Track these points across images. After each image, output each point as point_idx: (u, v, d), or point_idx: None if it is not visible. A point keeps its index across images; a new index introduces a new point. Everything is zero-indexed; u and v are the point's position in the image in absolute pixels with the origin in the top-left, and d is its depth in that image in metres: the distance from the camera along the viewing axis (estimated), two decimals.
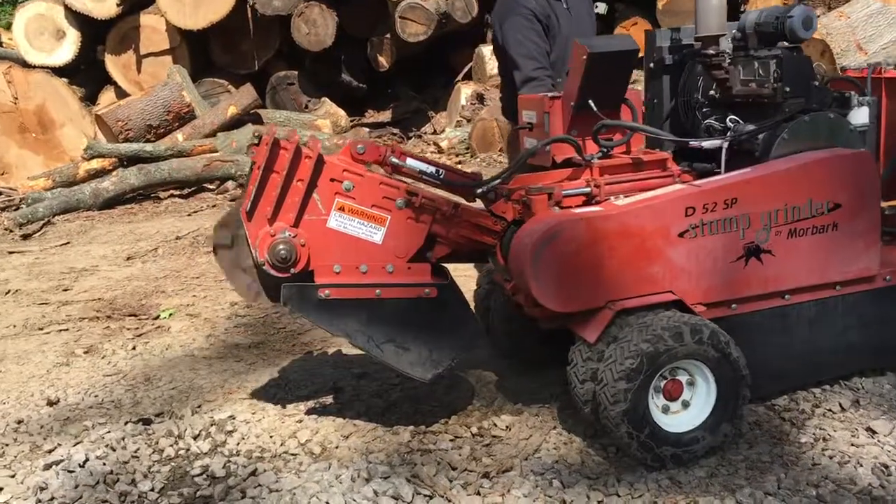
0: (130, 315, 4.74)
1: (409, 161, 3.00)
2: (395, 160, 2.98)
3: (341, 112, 10.09)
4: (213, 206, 7.61)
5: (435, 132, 9.81)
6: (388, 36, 9.98)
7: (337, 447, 3.07)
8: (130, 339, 4.37)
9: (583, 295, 2.81)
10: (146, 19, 10.02)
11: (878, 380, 3.23)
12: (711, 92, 3.39)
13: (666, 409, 2.77)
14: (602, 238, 2.80)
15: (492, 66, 9.62)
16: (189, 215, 7.32)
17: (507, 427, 3.08)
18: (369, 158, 2.97)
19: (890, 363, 3.28)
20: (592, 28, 4.05)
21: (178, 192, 8.30)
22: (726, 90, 3.28)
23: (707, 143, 3.07)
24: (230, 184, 8.18)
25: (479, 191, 3.05)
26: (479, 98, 9.28)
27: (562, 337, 3.39)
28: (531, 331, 3.50)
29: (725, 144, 3.09)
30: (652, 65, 3.51)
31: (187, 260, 5.87)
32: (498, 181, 3.05)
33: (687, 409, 2.78)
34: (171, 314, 4.74)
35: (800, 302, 3.05)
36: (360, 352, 3.86)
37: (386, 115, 10.59)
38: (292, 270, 2.86)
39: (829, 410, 3.03)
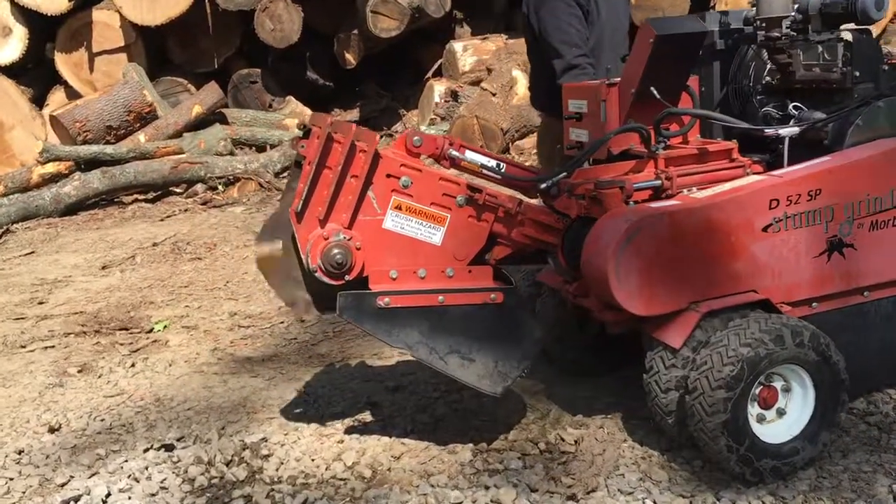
0: (121, 329, 4.36)
1: (469, 154, 2.74)
2: (454, 153, 2.72)
3: (308, 111, 9.69)
4: (185, 210, 7.20)
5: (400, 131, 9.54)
6: (355, 32, 9.64)
7: (390, 469, 2.79)
8: (127, 355, 4.01)
9: (666, 296, 2.59)
10: (99, 15, 9.49)
11: None
12: (767, 78, 3.21)
13: (761, 419, 2.56)
14: (685, 234, 2.59)
15: (464, 62, 9.40)
16: (162, 220, 6.90)
17: (575, 442, 2.84)
18: (426, 151, 2.71)
19: None
20: (627, 13, 3.85)
21: (143, 197, 7.85)
22: (788, 75, 3.11)
23: (784, 131, 2.87)
24: (199, 187, 7.77)
25: (543, 186, 2.80)
26: (454, 95, 9.01)
27: (614, 344, 3.19)
28: (578, 336, 3.30)
29: (797, 132, 2.91)
30: (700, 51, 3.31)
31: (170, 267, 5.48)
32: (563, 175, 2.81)
33: (782, 418, 2.59)
34: (165, 326, 4.38)
35: (878, 298, 2.88)
36: (387, 363, 3.66)
37: (354, 114, 10.24)
38: (347, 277, 2.57)
39: None
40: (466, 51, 9.35)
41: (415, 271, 2.66)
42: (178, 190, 7.91)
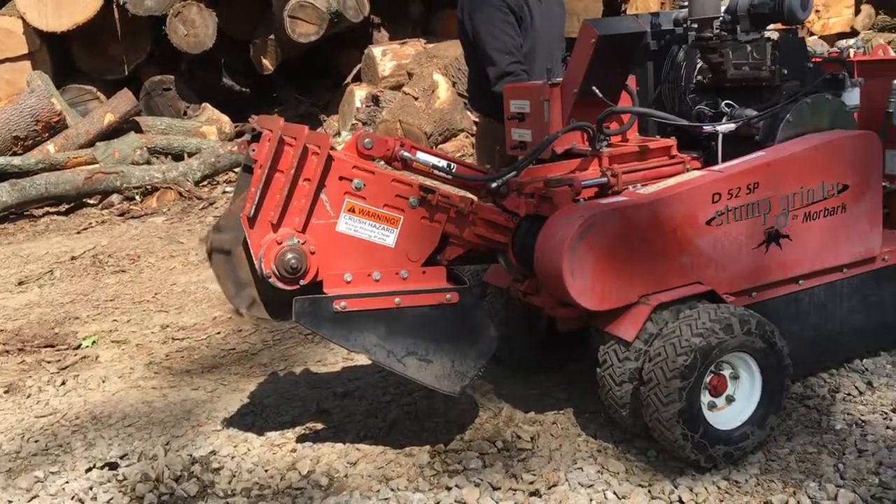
0: (46, 346, 4.17)
1: (420, 155, 2.73)
2: (405, 154, 2.70)
3: (225, 118, 9.53)
4: (103, 222, 6.95)
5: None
6: (271, 37, 9.53)
7: (347, 476, 2.76)
8: (55, 373, 3.83)
9: (618, 290, 2.64)
10: (0, 21, 9.10)
11: (878, 360, 3.25)
12: (699, 77, 3.31)
13: (712, 406, 2.64)
14: (635, 229, 2.64)
15: (383, 67, 9.39)
16: (78, 233, 6.64)
17: (531, 438, 2.86)
18: (377, 153, 2.69)
19: (887, 342, 3.30)
20: (563, 18, 3.91)
21: (54, 210, 7.54)
22: (719, 74, 3.21)
23: (721, 128, 2.97)
24: (115, 197, 7.50)
25: (494, 185, 2.81)
26: (375, 100, 8.98)
27: (560, 339, 3.24)
28: (525, 335, 3.33)
29: (733, 128, 3.01)
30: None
31: (93, 281, 5.28)
32: (512, 174, 2.83)
33: (731, 405, 2.67)
34: (94, 342, 4.22)
35: (811, 287, 3.01)
36: (333, 369, 3.62)
37: None
38: (301, 282, 2.53)
39: (849, 394, 3.00)
40: (386, 55, 9.35)
41: (369, 274, 2.63)
42: (92, 201, 7.63)
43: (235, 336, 4.13)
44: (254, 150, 2.51)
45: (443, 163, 2.78)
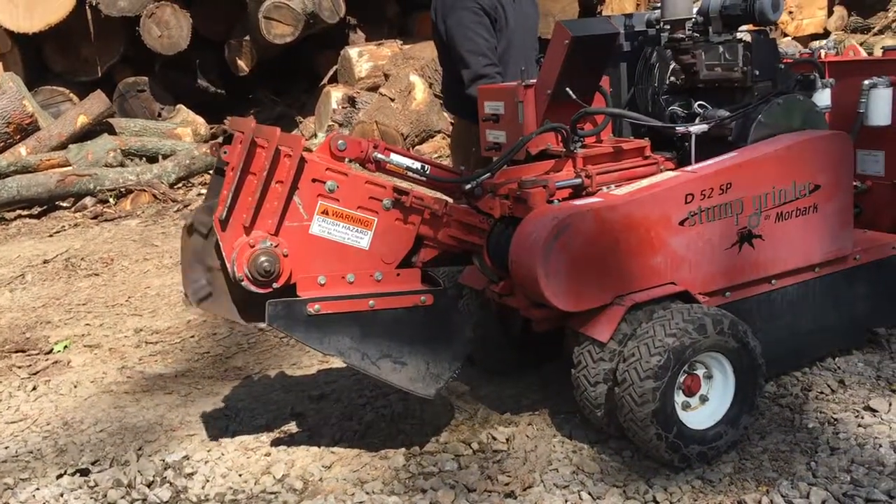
0: (17, 351, 4.11)
1: (394, 156, 2.71)
2: (379, 156, 2.69)
3: (200, 119, 9.46)
4: (76, 225, 6.87)
5: (305, 137, 9.41)
6: (247, 38, 9.48)
7: (322, 479, 2.74)
8: (26, 378, 3.78)
9: (593, 291, 2.65)
10: None
11: (849, 359, 3.28)
12: (672, 78, 3.33)
13: (686, 406, 2.65)
14: (609, 230, 2.64)
15: (360, 68, 9.37)
16: (50, 236, 6.56)
17: (507, 440, 2.86)
18: (351, 155, 2.67)
19: (859, 341, 3.33)
20: (537, 18, 3.91)
21: (27, 213, 7.45)
22: (692, 75, 3.23)
23: (694, 128, 2.98)
24: (89, 200, 7.43)
25: (468, 186, 2.81)
26: (351, 101, 8.96)
27: (535, 340, 3.24)
28: (502, 336, 3.32)
29: (706, 129, 3.03)
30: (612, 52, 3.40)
31: (65, 285, 5.21)
32: (486, 175, 2.83)
33: (705, 404, 2.68)
34: (66, 346, 4.17)
35: (784, 286, 3.03)
36: (308, 372, 3.60)
37: None
38: (274, 285, 2.51)
39: (821, 393, 3.02)
40: (362, 57, 9.33)
41: (343, 276, 2.61)
42: (65, 204, 7.54)
43: (210, 339, 4.10)
44: (225, 153, 2.48)
45: (416, 164, 2.77)
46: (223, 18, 9.56)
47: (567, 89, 2.95)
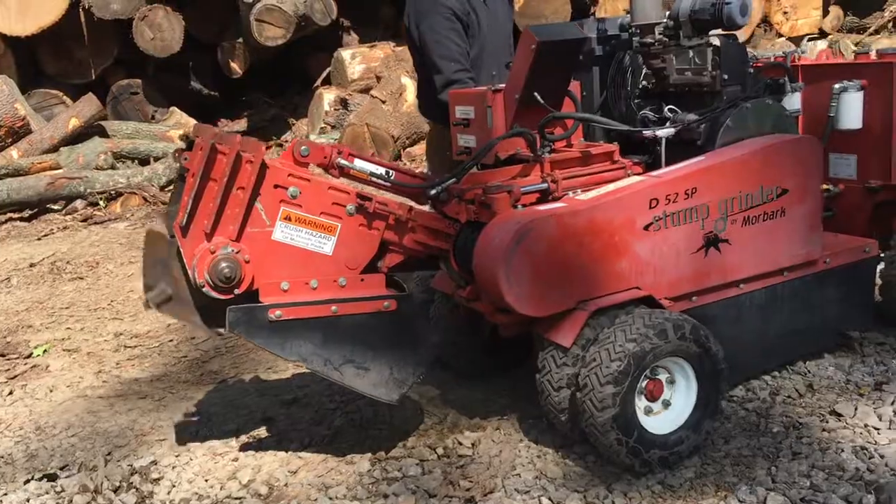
0: None
1: (358, 162, 2.72)
2: (342, 162, 2.70)
3: (193, 121, 9.44)
4: (65, 228, 6.89)
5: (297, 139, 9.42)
6: (240, 40, 9.48)
7: (287, 485, 2.75)
8: (3, 382, 3.80)
9: (555, 297, 2.65)
10: None
11: (820, 362, 3.28)
12: (644, 82, 3.33)
13: (648, 411, 2.65)
14: (572, 235, 2.65)
15: (353, 70, 9.37)
16: (38, 239, 6.58)
17: (472, 444, 2.86)
18: (314, 161, 2.68)
19: (829, 345, 3.33)
20: (510, 23, 3.91)
21: (17, 216, 7.46)
22: (662, 79, 3.23)
23: (661, 132, 2.99)
24: (79, 203, 7.44)
25: (433, 192, 2.82)
26: (343, 103, 8.97)
27: (506, 346, 3.25)
28: (472, 341, 3.33)
29: (672, 133, 3.03)
30: (581, 57, 3.40)
31: (49, 289, 5.23)
32: (452, 181, 2.83)
33: (668, 409, 2.68)
34: (45, 351, 4.18)
35: (752, 290, 3.03)
36: (283, 376, 3.60)
37: (241, 124, 10.04)
38: (236, 291, 2.52)
39: (789, 397, 3.02)
40: (355, 59, 9.33)
41: (307, 282, 2.62)
42: (55, 207, 7.56)
43: (188, 344, 4.11)
44: (186, 159, 2.49)
45: (381, 170, 2.78)
46: (216, 21, 9.57)
47: (535, 94, 2.95)
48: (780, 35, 10.97)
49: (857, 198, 3.49)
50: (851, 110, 3.31)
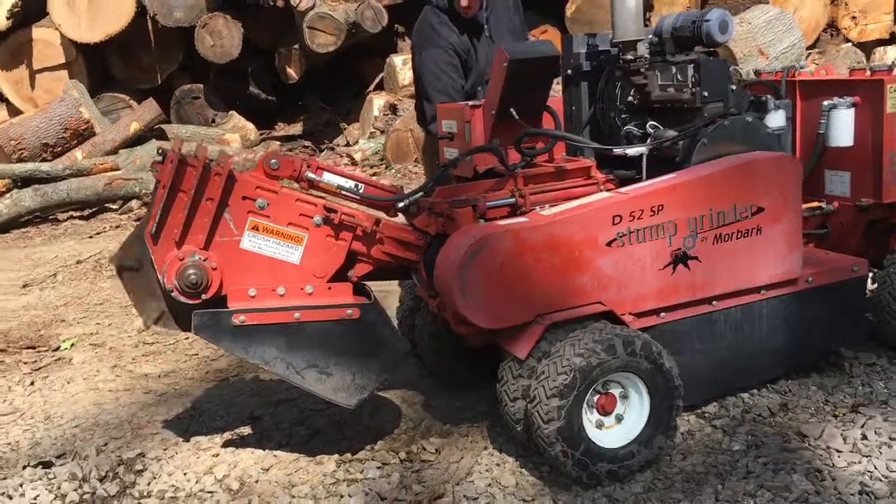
0: (28, 348, 4.41)
1: (327, 175, 2.84)
2: (311, 175, 2.82)
3: (250, 125, 9.81)
4: (117, 226, 7.25)
5: (348, 144, 9.64)
6: (296, 47, 9.75)
7: (257, 482, 2.88)
8: (28, 373, 4.06)
9: (512, 310, 2.71)
10: (39, 33, 9.55)
11: (804, 381, 3.24)
12: (630, 98, 3.35)
13: (600, 425, 2.69)
14: (529, 250, 2.70)
15: (403, 76, 9.53)
16: (90, 237, 6.95)
17: (436, 450, 2.95)
18: (284, 174, 2.81)
19: (810, 364, 3.29)
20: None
21: (77, 214, 7.89)
22: (645, 96, 3.25)
23: (631, 151, 3.01)
24: (134, 203, 7.82)
25: (401, 205, 2.92)
26: (392, 108, 9.15)
27: (489, 354, 3.30)
28: (457, 348, 3.40)
29: (646, 151, 3.05)
30: (570, 71, 3.45)
31: (90, 285, 5.54)
32: (420, 194, 2.93)
33: (621, 423, 2.71)
34: (72, 344, 4.45)
35: (727, 307, 3.02)
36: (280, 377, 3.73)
37: (297, 128, 10.35)
38: (204, 296, 2.67)
39: (759, 416, 3.01)
40: (406, 64, 9.48)
41: (274, 289, 2.75)
42: (113, 206, 7.95)
43: (201, 342, 4.29)
44: (157, 171, 2.65)
45: (350, 183, 2.89)
46: (273, 28, 9.87)
47: (511, 109, 3.03)
48: (848, 40, 10.64)
49: (850, 216, 3.43)
50: (841, 128, 3.26)
